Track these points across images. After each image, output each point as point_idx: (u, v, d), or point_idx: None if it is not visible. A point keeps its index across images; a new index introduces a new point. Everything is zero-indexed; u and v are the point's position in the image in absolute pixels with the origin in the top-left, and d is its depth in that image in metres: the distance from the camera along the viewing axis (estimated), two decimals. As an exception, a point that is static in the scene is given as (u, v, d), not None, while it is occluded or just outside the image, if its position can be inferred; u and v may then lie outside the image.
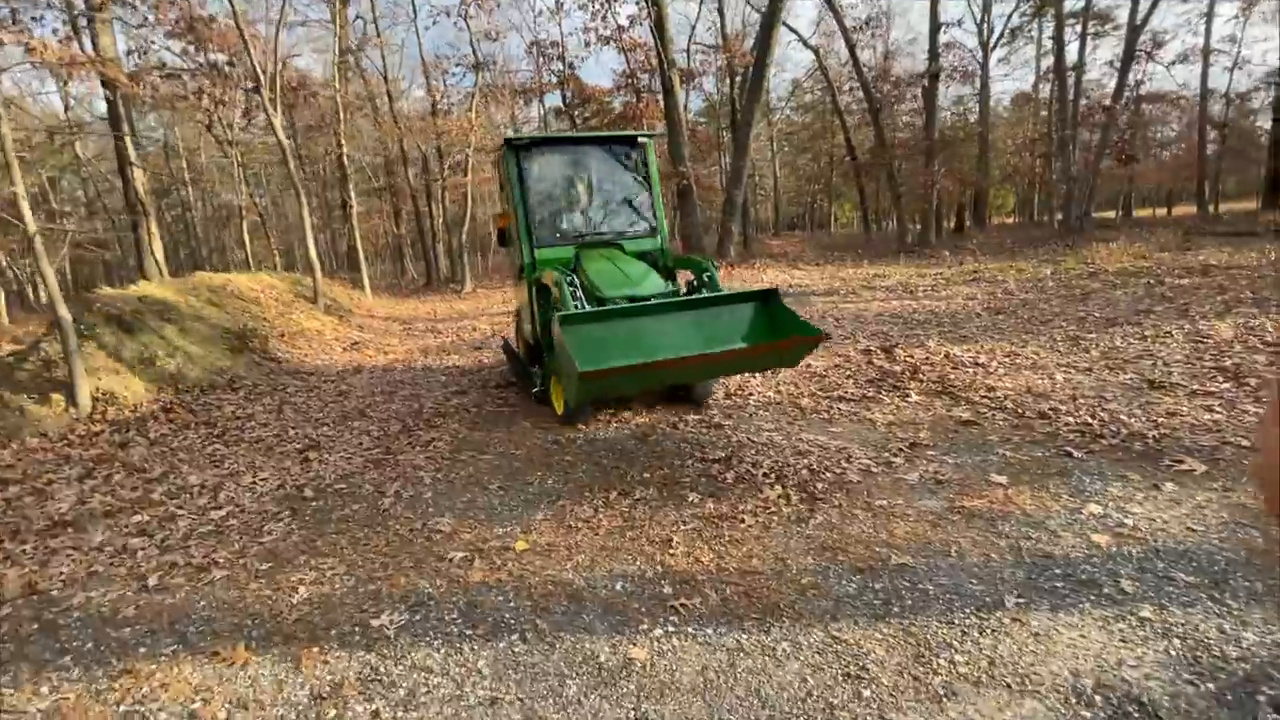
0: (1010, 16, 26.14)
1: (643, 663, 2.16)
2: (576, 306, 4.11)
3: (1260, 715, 1.74)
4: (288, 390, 6.53)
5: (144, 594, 2.89)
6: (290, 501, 3.81)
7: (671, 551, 2.89)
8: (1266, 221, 17.55)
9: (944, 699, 1.89)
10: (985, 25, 25.22)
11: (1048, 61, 29.33)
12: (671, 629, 2.33)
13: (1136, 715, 1.77)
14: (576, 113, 24.16)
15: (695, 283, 4.85)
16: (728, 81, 24.74)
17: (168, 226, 27.40)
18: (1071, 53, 20.86)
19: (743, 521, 3.13)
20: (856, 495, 3.36)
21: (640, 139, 5.50)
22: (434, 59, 19.64)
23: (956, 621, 2.25)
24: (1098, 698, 1.84)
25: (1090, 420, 4.26)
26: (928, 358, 6.24)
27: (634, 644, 2.26)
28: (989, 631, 2.18)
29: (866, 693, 1.94)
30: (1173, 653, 2.01)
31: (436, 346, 9.13)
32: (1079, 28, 22.34)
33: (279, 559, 3.11)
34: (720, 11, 22.08)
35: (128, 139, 11.50)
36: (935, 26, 19.83)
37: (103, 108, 13.43)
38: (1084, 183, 19.04)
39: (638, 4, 17.23)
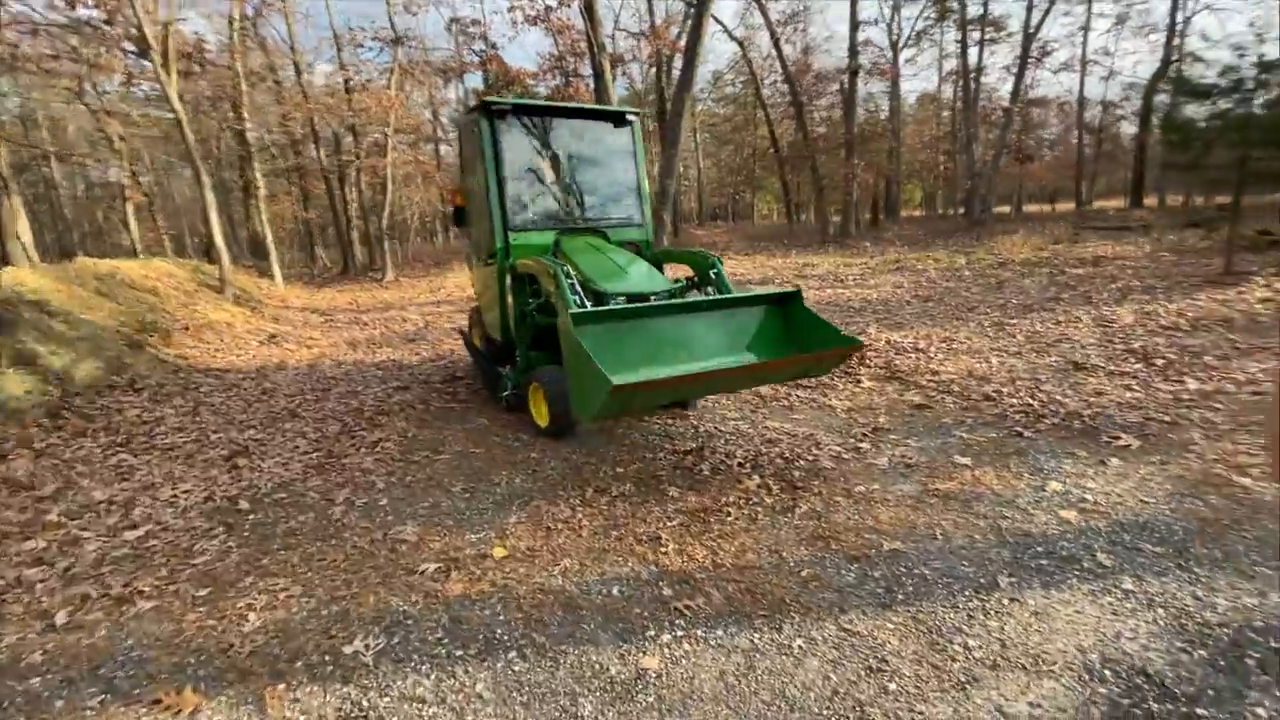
0: (916, 20, 27.65)
1: (657, 672, 2.04)
2: (577, 303, 3.61)
3: (1252, 678, 1.85)
4: (201, 390, 5.87)
5: (52, 634, 2.46)
6: (222, 515, 3.39)
7: (663, 550, 2.78)
8: (1137, 218, 19.59)
9: (967, 686, 1.89)
10: (895, 26, 26.57)
11: (949, 64, 31.44)
12: (680, 633, 2.22)
13: (1146, 687, 1.85)
14: (500, 95, 23.30)
15: (696, 279, 4.41)
16: (654, 70, 24.67)
17: (29, 206, 24.16)
18: (971, 57, 22.32)
19: (728, 514, 3.07)
20: (834, 482, 3.38)
21: (629, 116, 5.00)
22: (346, 31, 18.30)
23: (960, 605, 2.28)
24: (1108, 672, 1.91)
25: (1031, 401, 4.52)
26: (871, 344, 6.45)
27: (644, 653, 2.13)
28: (993, 613, 2.22)
29: (892, 686, 1.92)
30: (1161, 622, 2.12)
31: (365, 339, 8.53)
32: (977, 34, 23.94)
33: (219, 583, 2.75)
34: (648, -2, 21.92)
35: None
36: (854, 24, 20.58)
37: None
38: (986, 179, 20.45)
39: (566, -16, 16.74)
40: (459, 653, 2.20)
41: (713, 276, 4.28)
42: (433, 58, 21.54)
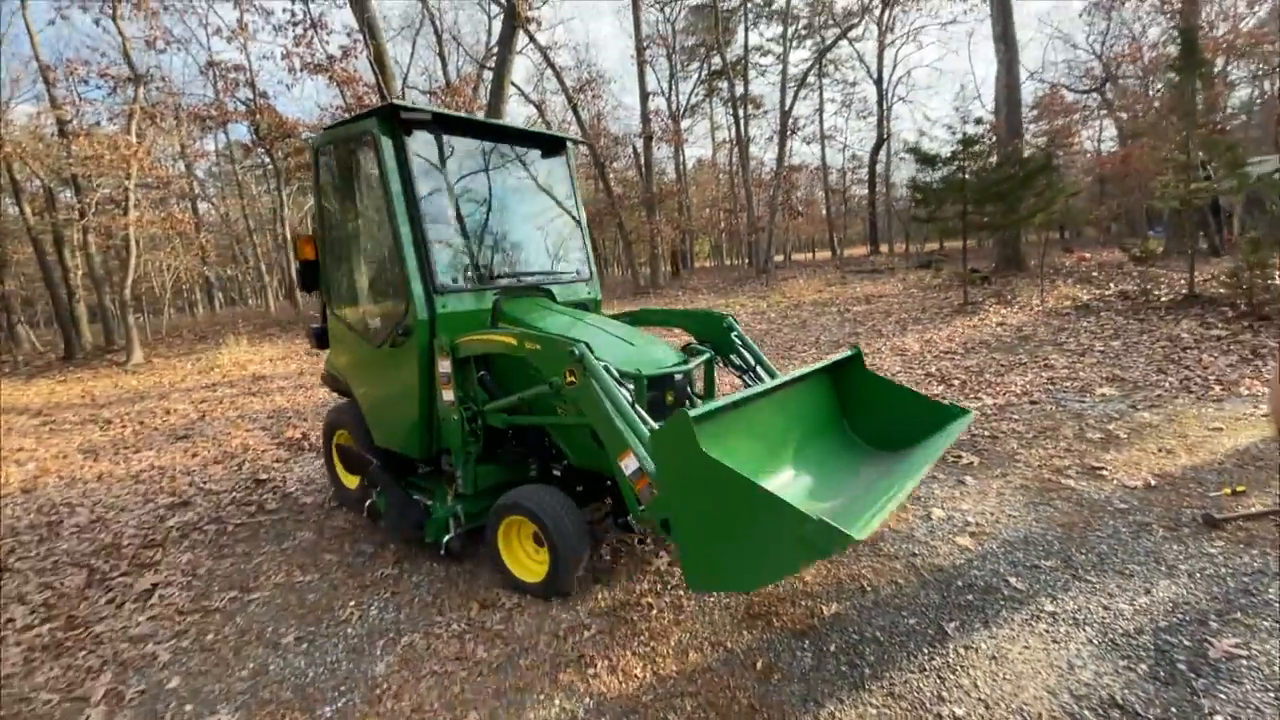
0: (690, 94, 31.32)
1: None
2: (628, 397, 2.54)
3: (1194, 683, 1.95)
4: None
5: None
6: None
7: (592, 671, 2.29)
8: (881, 262, 23.77)
9: (980, 768, 1.73)
10: (675, 99, 29.74)
11: (721, 134, 35.87)
12: (652, 788, 1.77)
13: (1122, 719, 1.85)
14: (277, 149, 20.86)
15: (711, 345, 3.50)
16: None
17: None
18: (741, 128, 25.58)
19: (651, 607, 2.68)
20: (744, 545, 3.18)
21: (567, 142, 4.03)
22: (58, 63, 14.93)
23: (925, 665, 2.15)
24: (1087, 713, 1.88)
25: (878, 431, 4.86)
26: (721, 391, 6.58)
27: (616, 832, 1.64)
28: (958, 669, 2.12)
29: (909, 791, 1.68)
30: (1094, 642, 2.20)
31: (110, 443, 6.56)
32: (743, 110, 27.64)
33: None
34: (442, 57, 21.59)
35: None
36: (644, 94, 22.38)
37: None
38: (768, 232, 23.24)
39: (349, 35, 15.71)
40: None
41: (736, 341, 3.47)
42: (185, 103, 18.67)
